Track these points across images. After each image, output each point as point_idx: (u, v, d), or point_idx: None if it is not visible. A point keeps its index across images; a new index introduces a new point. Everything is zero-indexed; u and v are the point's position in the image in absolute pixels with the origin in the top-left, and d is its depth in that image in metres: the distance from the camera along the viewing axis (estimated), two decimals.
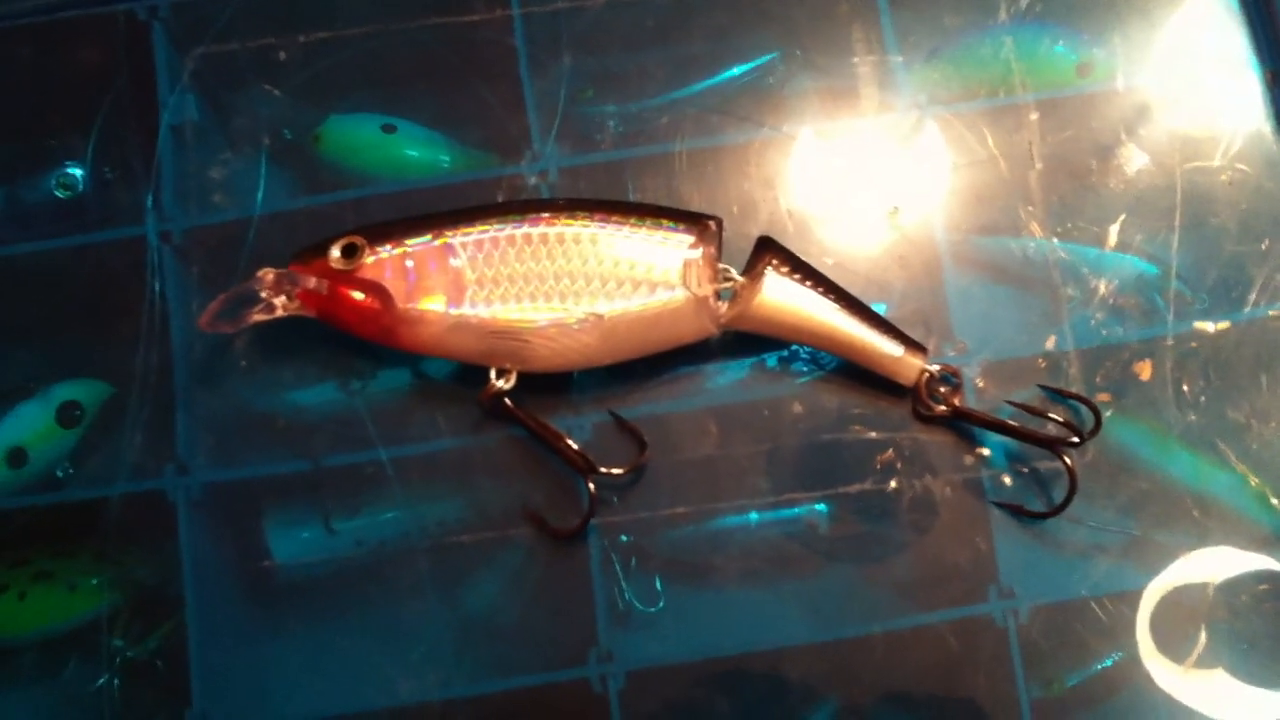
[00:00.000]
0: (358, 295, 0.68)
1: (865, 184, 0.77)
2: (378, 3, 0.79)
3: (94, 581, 0.72)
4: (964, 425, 0.72)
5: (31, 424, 0.74)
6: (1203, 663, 0.70)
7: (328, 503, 0.73)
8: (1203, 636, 0.71)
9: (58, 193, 0.77)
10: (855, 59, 0.79)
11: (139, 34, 0.79)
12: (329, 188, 0.77)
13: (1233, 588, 0.71)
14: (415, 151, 0.78)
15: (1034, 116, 0.77)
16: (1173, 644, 0.70)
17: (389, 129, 0.78)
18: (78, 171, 0.77)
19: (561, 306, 0.68)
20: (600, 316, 0.69)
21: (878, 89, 0.78)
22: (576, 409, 0.73)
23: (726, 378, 0.74)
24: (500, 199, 0.76)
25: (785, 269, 0.70)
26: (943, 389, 0.71)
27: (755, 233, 0.74)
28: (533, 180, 0.76)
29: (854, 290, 0.72)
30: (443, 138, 0.78)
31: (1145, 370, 0.74)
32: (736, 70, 0.79)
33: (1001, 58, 0.78)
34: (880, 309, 0.74)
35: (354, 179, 0.77)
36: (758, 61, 0.79)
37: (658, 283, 0.69)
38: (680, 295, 0.69)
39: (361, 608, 0.72)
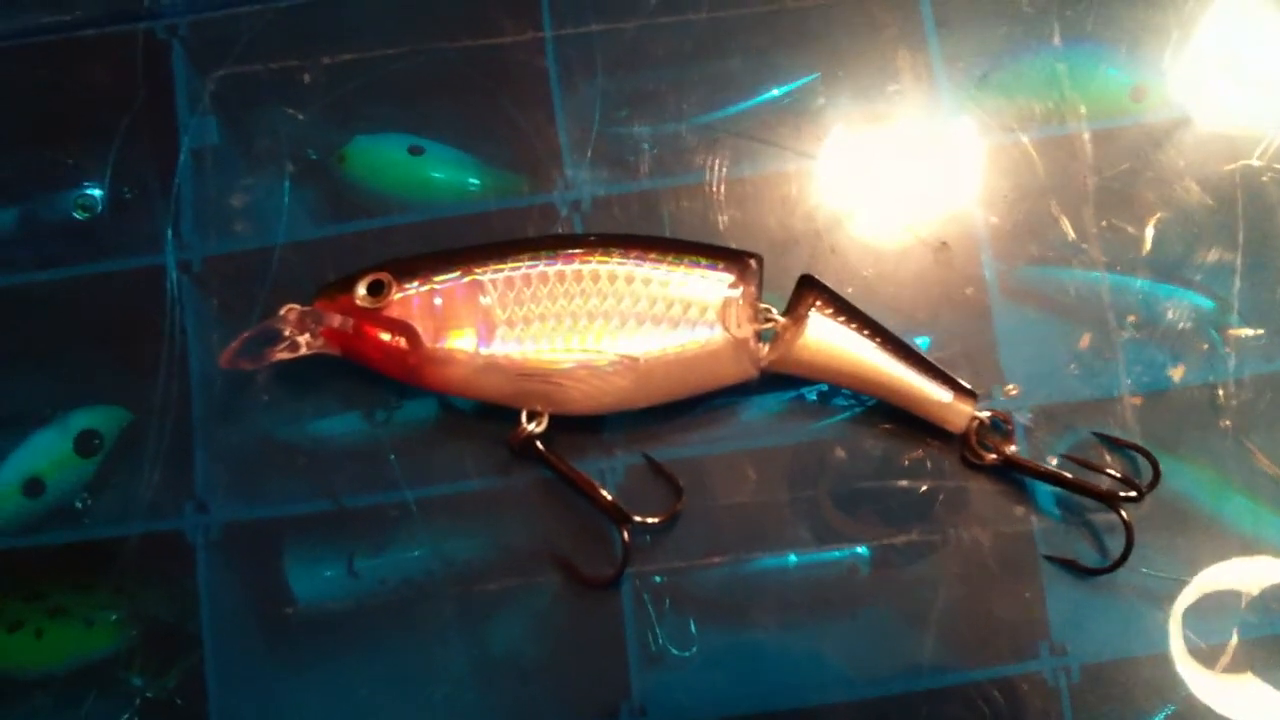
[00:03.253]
0: (384, 334, 0.66)
1: (911, 215, 0.74)
2: (405, 24, 0.77)
3: (112, 618, 0.70)
4: (1015, 474, 0.69)
5: (49, 452, 0.72)
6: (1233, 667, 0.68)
7: (350, 541, 0.70)
8: (1234, 641, 0.68)
9: (76, 214, 0.75)
10: (901, 83, 0.75)
11: (158, 54, 0.77)
12: (354, 211, 0.75)
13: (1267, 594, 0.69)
14: (443, 173, 0.76)
15: (1088, 144, 0.74)
16: (1205, 647, 0.68)
17: (416, 150, 0.76)
18: (96, 193, 0.75)
19: (595, 348, 0.66)
20: (635, 359, 0.66)
21: (925, 115, 0.75)
22: (609, 450, 0.71)
23: (764, 413, 0.71)
24: (531, 229, 0.73)
25: (829, 310, 0.67)
26: (993, 436, 0.68)
27: (795, 266, 0.72)
28: (565, 210, 0.74)
29: (899, 329, 0.69)
30: (472, 160, 0.75)
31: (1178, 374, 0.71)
32: (776, 92, 0.76)
33: (1054, 82, 0.75)
34: (924, 343, 0.71)
35: (380, 201, 0.75)
36: (798, 83, 0.76)
37: (695, 323, 0.66)
38: (719, 337, 0.66)
39: (383, 649, 0.70)
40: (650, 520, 0.68)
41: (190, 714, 0.69)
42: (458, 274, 0.67)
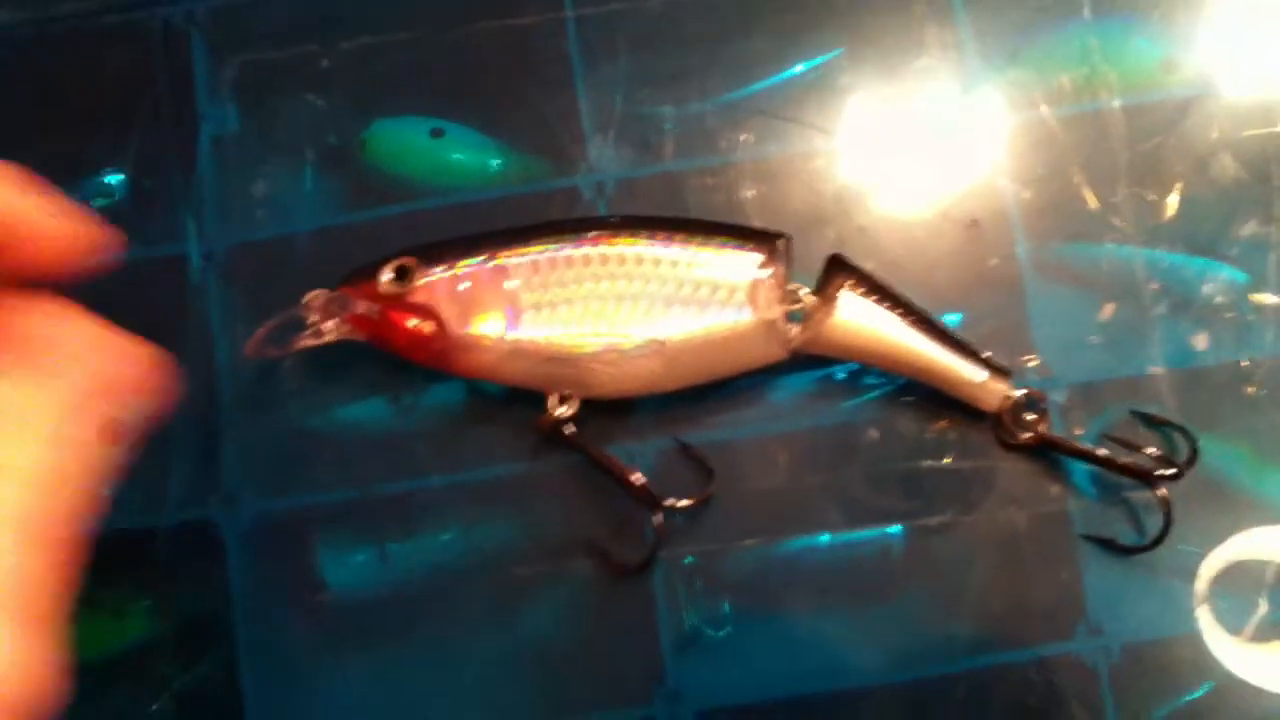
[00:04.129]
0: (410, 320, 0.65)
1: (941, 192, 0.73)
2: (424, 7, 0.76)
3: (143, 608, 0.70)
4: (1050, 453, 0.68)
5: None
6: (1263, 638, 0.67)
7: (380, 528, 0.70)
8: (1262, 608, 0.67)
9: (95, 202, 0.74)
10: (929, 59, 0.74)
11: (177, 41, 0.76)
12: (376, 197, 0.74)
13: None
14: (464, 156, 0.75)
15: (1120, 118, 0.73)
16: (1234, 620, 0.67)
17: (437, 133, 0.75)
18: (115, 181, 0.75)
19: (622, 332, 0.65)
20: (662, 342, 0.65)
21: (954, 91, 0.74)
22: (639, 434, 0.70)
23: (794, 394, 0.70)
24: (555, 212, 0.73)
25: (860, 289, 0.66)
26: (1028, 415, 0.67)
27: (823, 246, 0.71)
28: (589, 192, 0.73)
29: (930, 307, 0.68)
30: (493, 142, 0.75)
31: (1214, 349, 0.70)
32: (800, 69, 0.75)
33: (1085, 56, 0.74)
34: (954, 321, 0.70)
35: (402, 186, 0.74)
36: (823, 59, 0.75)
37: (723, 305, 0.65)
38: (747, 318, 0.65)
39: (415, 634, 0.69)
40: (681, 504, 0.67)
41: (223, 702, 0.69)
42: (483, 258, 0.66)
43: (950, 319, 0.70)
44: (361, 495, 0.70)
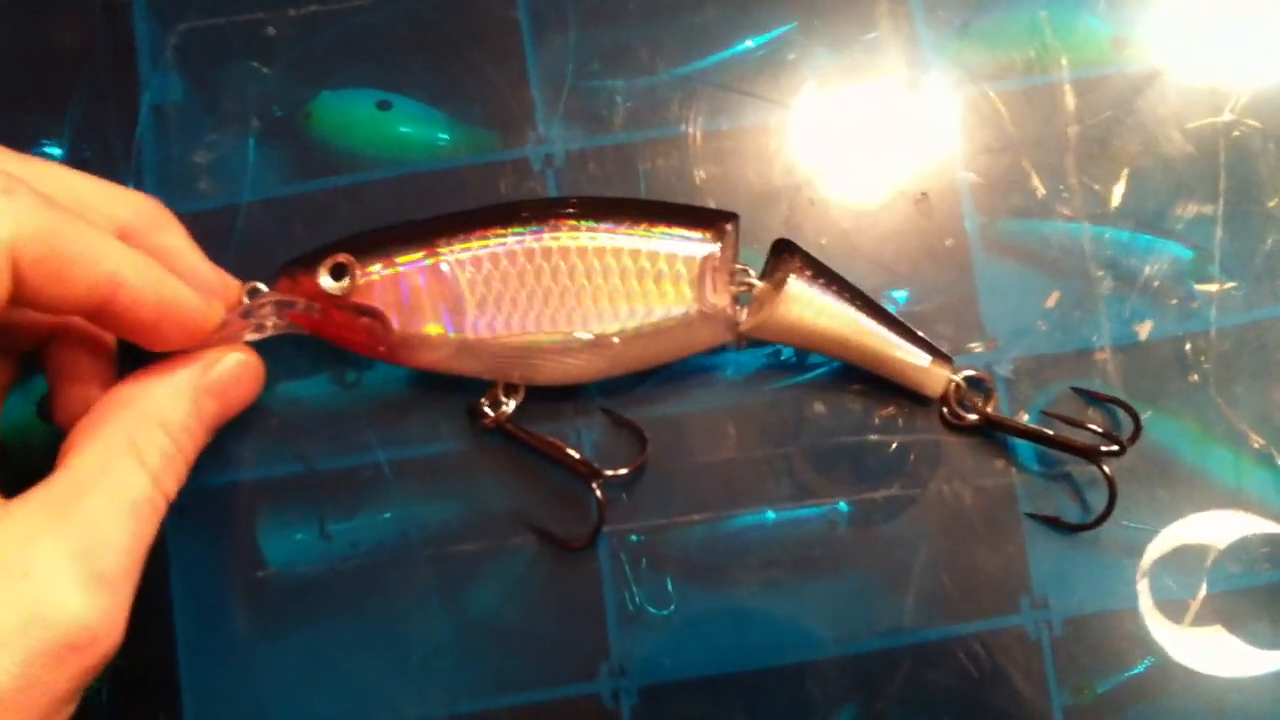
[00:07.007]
0: (353, 321, 0.64)
1: (891, 167, 0.72)
2: None
3: None
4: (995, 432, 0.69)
5: (10, 417, 0.70)
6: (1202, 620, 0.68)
7: (322, 504, 0.69)
8: (1202, 593, 0.68)
9: None
10: (879, 33, 0.74)
11: (119, 8, 0.74)
12: (321, 169, 0.73)
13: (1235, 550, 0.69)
14: (412, 129, 0.74)
15: (1069, 94, 0.73)
16: (1175, 600, 0.68)
17: (384, 105, 0.74)
18: (55, 152, 0.73)
19: (569, 328, 0.64)
20: (610, 336, 0.64)
21: (905, 66, 0.74)
22: (585, 410, 0.70)
23: (741, 369, 0.70)
24: (504, 185, 0.72)
25: (808, 274, 0.66)
26: (973, 396, 0.68)
27: (774, 220, 0.71)
28: (538, 164, 0.72)
29: (880, 282, 0.69)
30: (441, 115, 0.73)
31: (1158, 325, 0.71)
32: (751, 43, 0.74)
33: (1035, 31, 0.74)
34: (902, 298, 0.70)
35: (348, 159, 0.73)
36: (774, 33, 0.74)
37: (671, 295, 0.65)
38: (696, 307, 0.65)
39: (359, 613, 0.68)
40: (620, 472, 0.67)
41: (162, 680, 0.68)
42: (421, 255, 0.64)
43: (898, 296, 0.70)
44: (304, 470, 0.69)
